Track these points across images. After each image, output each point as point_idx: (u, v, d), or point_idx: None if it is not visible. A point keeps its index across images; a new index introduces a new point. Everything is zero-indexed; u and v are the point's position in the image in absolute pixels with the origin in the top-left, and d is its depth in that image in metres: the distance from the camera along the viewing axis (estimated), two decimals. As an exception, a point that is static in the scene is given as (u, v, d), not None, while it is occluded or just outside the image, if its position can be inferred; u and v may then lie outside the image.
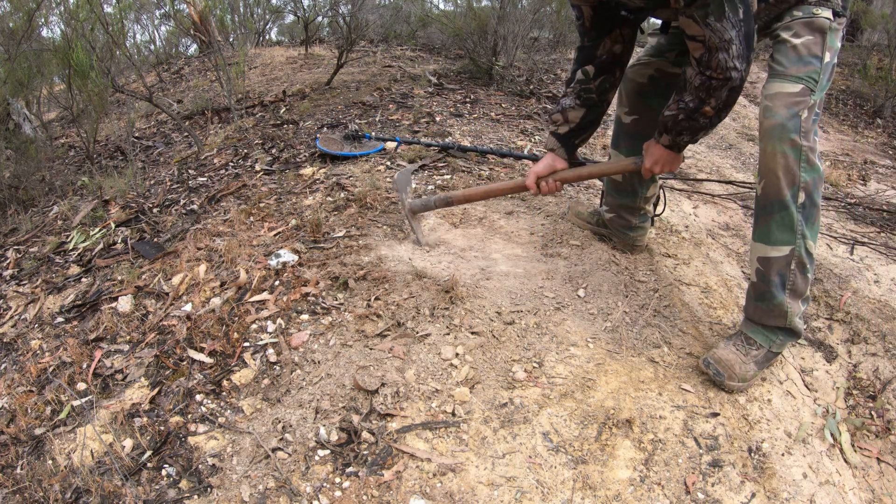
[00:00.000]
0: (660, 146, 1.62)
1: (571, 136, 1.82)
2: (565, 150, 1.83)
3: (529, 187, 1.85)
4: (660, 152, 1.63)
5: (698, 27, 1.37)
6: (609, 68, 1.76)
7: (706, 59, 1.40)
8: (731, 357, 1.59)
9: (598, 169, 1.90)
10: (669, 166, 1.66)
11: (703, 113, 1.49)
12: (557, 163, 1.84)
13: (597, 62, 1.74)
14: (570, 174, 1.85)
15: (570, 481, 1.32)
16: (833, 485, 1.49)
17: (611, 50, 1.73)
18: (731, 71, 1.39)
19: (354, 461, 1.36)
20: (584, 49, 1.77)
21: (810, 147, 1.46)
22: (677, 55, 1.81)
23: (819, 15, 1.49)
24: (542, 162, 1.84)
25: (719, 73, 1.40)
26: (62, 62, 3.12)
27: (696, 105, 1.48)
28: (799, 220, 1.51)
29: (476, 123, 3.41)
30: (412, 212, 2.09)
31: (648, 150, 1.67)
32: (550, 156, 1.84)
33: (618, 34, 1.71)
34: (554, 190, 1.84)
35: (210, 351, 1.71)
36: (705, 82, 1.43)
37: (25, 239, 2.68)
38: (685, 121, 1.52)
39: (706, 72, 1.42)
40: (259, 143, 3.24)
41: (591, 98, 1.77)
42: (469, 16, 4.46)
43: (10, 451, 1.54)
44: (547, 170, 1.83)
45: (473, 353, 1.61)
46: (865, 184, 3.46)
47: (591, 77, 1.76)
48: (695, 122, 1.51)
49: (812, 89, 1.46)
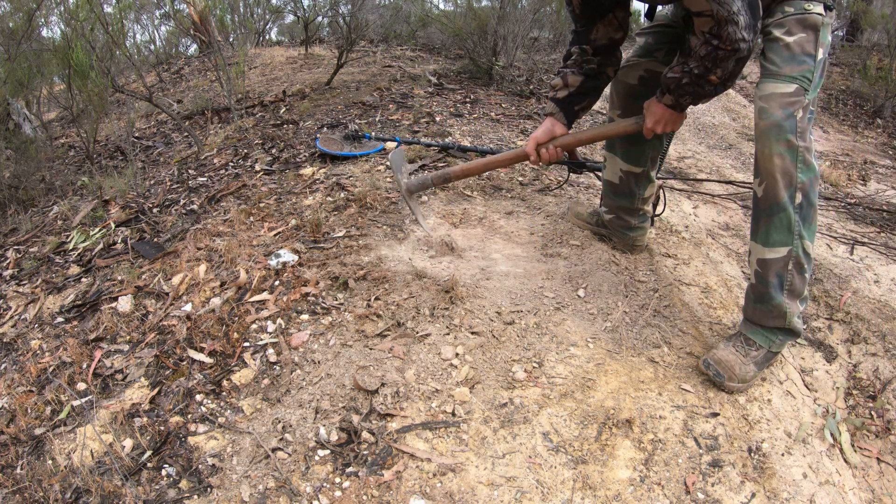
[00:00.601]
0: (661, 105, 1.60)
1: (570, 101, 1.78)
2: (564, 115, 1.79)
3: (529, 154, 1.79)
4: (661, 111, 1.60)
5: (704, 2, 1.36)
6: (608, 51, 1.74)
7: (716, 31, 1.38)
8: (730, 358, 1.59)
9: (598, 131, 1.82)
10: (671, 125, 1.63)
11: (708, 80, 1.47)
12: (556, 128, 1.78)
13: (594, 45, 1.73)
14: (570, 139, 1.78)
15: (570, 481, 1.32)
16: (833, 485, 1.49)
17: (608, 35, 1.71)
18: (740, 42, 1.38)
19: (354, 461, 1.36)
20: (578, 33, 1.76)
21: (806, 147, 1.46)
22: (666, 54, 1.80)
23: (811, 11, 1.47)
24: (541, 127, 1.78)
25: (728, 44, 1.39)
26: (62, 62, 3.12)
27: (702, 72, 1.46)
28: (796, 220, 1.51)
29: (476, 123, 3.41)
30: (409, 192, 2.01)
31: (650, 109, 1.63)
32: (549, 120, 1.78)
33: (612, 18, 1.69)
34: (554, 157, 1.78)
35: (210, 351, 1.71)
36: (712, 52, 1.42)
37: (25, 239, 2.68)
38: (689, 85, 1.50)
39: (713, 41, 1.40)
40: (259, 143, 3.24)
41: (592, 68, 1.75)
42: (469, 16, 4.46)
43: (10, 451, 1.54)
44: (546, 135, 1.77)
45: (473, 353, 1.61)
46: (865, 184, 3.46)
47: (591, 54, 1.75)
48: (699, 88, 1.50)
49: (806, 88, 1.45)
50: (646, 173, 2.01)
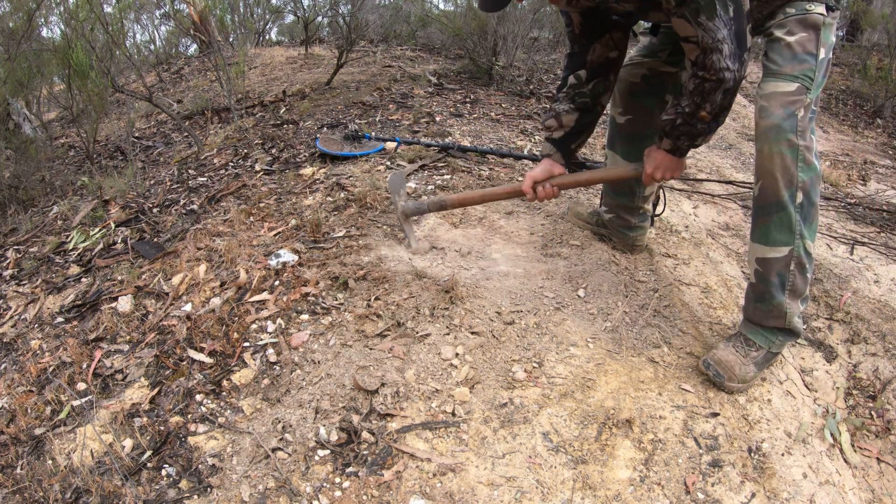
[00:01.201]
0: (661, 151, 1.60)
1: (567, 141, 1.80)
2: (562, 154, 1.81)
3: (526, 192, 1.81)
4: (661, 157, 1.61)
5: (691, 27, 1.37)
6: (602, 72, 1.74)
7: (700, 60, 1.39)
8: (730, 358, 1.59)
9: (596, 175, 1.85)
10: (671, 172, 1.62)
11: (699, 118, 1.47)
12: (555, 168, 1.81)
13: (589, 66, 1.73)
14: (567, 180, 1.81)
15: (570, 481, 1.32)
16: (833, 485, 1.49)
17: (604, 55, 1.71)
18: (724, 72, 1.38)
19: (354, 461, 1.36)
20: (573, 55, 1.76)
21: (807, 146, 1.45)
22: (669, 54, 1.80)
23: (812, 11, 1.47)
24: (539, 167, 1.81)
25: (712, 73, 1.39)
26: (62, 62, 3.12)
27: (693, 110, 1.46)
28: (797, 220, 1.50)
29: (476, 123, 3.41)
30: (405, 215, 2.07)
31: (650, 156, 1.63)
32: (547, 161, 1.81)
33: (609, 39, 1.69)
34: (551, 195, 1.81)
35: (210, 351, 1.71)
36: (699, 86, 1.42)
37: (25, 239, 2.68)
38: (683, 125, 1.50)
39: (700, 72, 1.41)
40: (259, 143, 3.24)
41: (585, 102, 1.76)
42: (469, 16, 4.46)
43: (10, 451, 1.54)
44: (544, 175, 1.79)
45: (473, 353, 1.61)
46: (865, 184, 3.46)
47: (584, 81, 1.74)
48: (692, 128, 1.50)
49: (808, 87, 1.44)
50: None
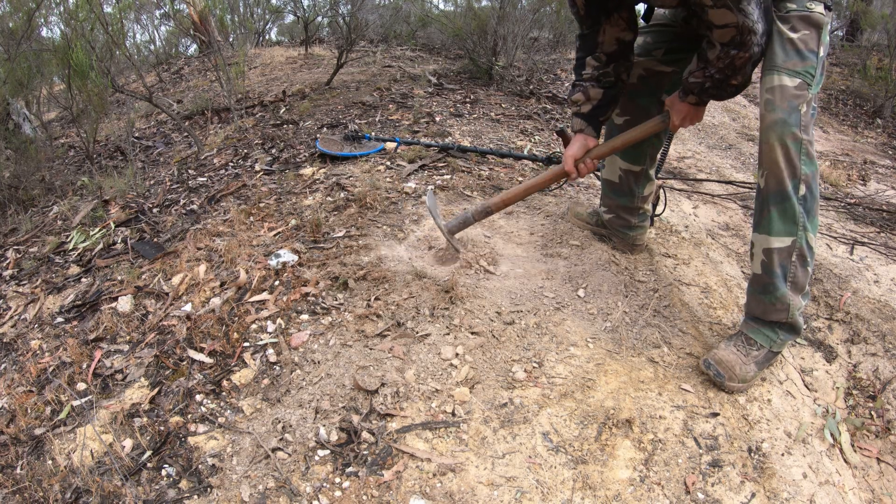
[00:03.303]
0: (686, 104, 1.66)
1: (596, 114, 1.82)
2: (592, 128, 1.84)
3: (569, 172, 1.84)
4: (687, 108, 1.67)
5: (732, 14, 1.40)
6: (621, 56, 1.76)
7: (738, 40, 1.44)
8: (731, 358, 1.59)
9: (628, 136, 1.85)
10: (697, 119, 1.71)
11: (729, 84, 1.55)
12: (589, 141, 1.83)
13: (605, 51, 1.75)
14: (603, 149, 1.84)
15: (570, 481, 1.32)
16: (833, 485, 1.49)
17: (617, 37, 1.73)
18: (755, 47, 1.45)
19: (354, 461, 1.36)
20: (584, 36, 1.78)
21: (809, 141, 1.49)
22: (665, 53, 1.82)
23: (815, 10, 1.51)
24: (575, 144, 1.83)
25: (747, 51, 1.45)
26: (62, 62, 3.12)
27: (723, 77, 1.53)
28: (800, 211, 1.53)
29: (476, 123, 3.41)
30: (451, 233, 1.99)
31: (675, 108, 1.69)
32: (580, 136, 1.83)
33: (618, 19, 1.71)
34: (592, 169, 1.85)
35: (210, 351, 1.71)
36: (731, 62, 1.48)
37: (25, 239, 2.68)
38: (712, 88, 1.57)
39: (733, 51, 1.45)
40: (259, 143, 3.24)
41: (610, 80, 1.78)
42: (469, 16, 4.46)
43: (10, 451, 1.54)
44: (581, 150, 1.82)
45: (473, 353, 1.61)
46: (865, 184, 3.46)
47: (605, 63, 1.76)
48: (722, 91, 1.58)
49: (809, 84, 1.48)
50: (644, 171, 2.01)
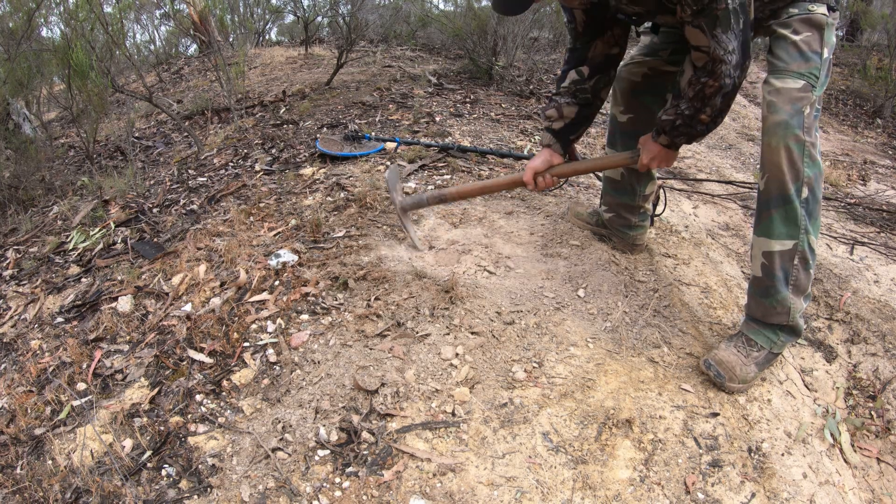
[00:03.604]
0: (657, 144, 1.66)
1: (566, 132, 1.83)
2: (561, 145, 1.85)
3: (527, 183, 1.85)
4: (657, 149, 1.66)
5: (704, 38, 1.40)
6: (604, 68, 1.78)
7: (709, 68, 1.44)
8: (731, 359, 1.59)
9: (593, 163, 1.90)
10: (666, 162, 1.70)
11: (699, 120, 1.53)
12: (554, 158, 1.85)
13: (591, 63, 1.76)
14: (566, 169, 1.86)
15: (570, 481, 1.32)
16: (833, 485, 1.49)
17: (605, 52, 1.75)
18: (726, 78, 1.44)
19: (354, 461, 1.36)
20: (575, 51, 1.79)
21: (812, 143, 1.48)
22: (671, 53, 1.82)
23: (816, 11, 1.50)
24: (539, 157, 1.85)
25: (716, 80, 1.44)
26: (62, 62, 3.12)
27: (693, 113, 1.52)
28: (802, 214, 1.52)
29: (476, 123, 3.41)
30: (403, 210, 2.04)
31: (646, 147, 1.69)
32: (547, 151, 1.85)
33: (610, 36, 1.73)
34: (550, 185, 1.85)
35: (210, 351, 1.71)
36: (700, 91, 1.48)
37: (25, 239, 2.68)
38: (682, 126, 1.56)
39: (703, 78, 1.45)
40: (259, 143, 3.24)
41: (587, 97, 1.79)
42: (469, 16, 4.46)
43: (10, 451, 1.54)
44: (544, 165, 1.83)
45: (473, 353, 1.61)
46: (865, 184, 3.46)
47: (586, 77, 1.77)
48: (692, 129, 1.56)
49: (813, 85, 1.47)
50: (647, 170, 2.01)
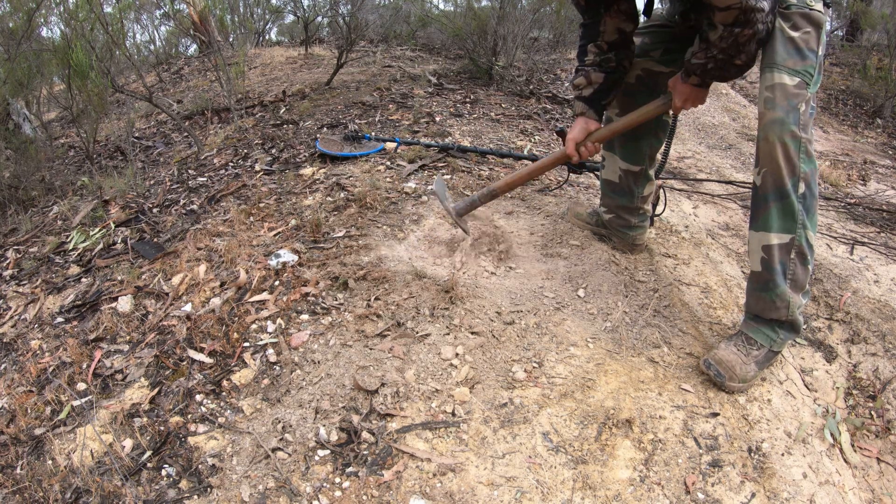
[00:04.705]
0: (688, 85, 1.64)
1: (597, 98, 1.83)
2: (594, 111, 1.84)
3: (571, 155, 1.84)
4: (689, 90, 1.66)
5: None
6: (621, 44, 1.77)
7: (742, 18, 1.41)
8: (732, 358, 1.59)
9: (629, 119, 1.86)
10: (699, 101, 1.70)
11: (734, 65, 1.53)
12: (590, 125, 1.84)
13: (606, 40, 1.76)
14: (604, 132, 1.85)
15: (570, 481, 1.32)
16: (833, 485, 1.49)
17: (617, 27, 1.74)
18: (759, 24, 1.42)
19: (354, 461, 1.36)
20: (587, 26, 1.79)
21: (808, 139, 1.50)
22: (662, 53, 1.83)
23: (815, 8, 1.51)
24: (576, 127, 1.84)
25: (750, 28, 1.42)
26: (62, 62, 3.12)
27: (727, 57, 1.51)
28: (799, 209, 1.53)
29: (476, 123, 3.41)
30: (459, 215, 2.01)
31: (677, 89, 1.68)
32: (582, 119, 1.84)
33: (616, 10, 1.72)
34: (593, 152, 1.85)
35: (210, 351, 1.71)
36: (734, 41, 1.46)
37: (25, 239, 2.68)
38: (715, 69, 1.55)
39: (736, 29, 1.43)
40: (259, 143, 3.24)
41: (612, 66, 1.79)
42: (469, 16, 4.46)
43: (10, 451, 1.54)
44: (582, 133, 1.83)
45: (473, 353, 1.61)
46: (865, 184, 3.46)
47: (606, 50, 1.78)
48: (725, 72, 1.56)
49: (808, 83, 1.49)
50: (644, 171, 2.02)
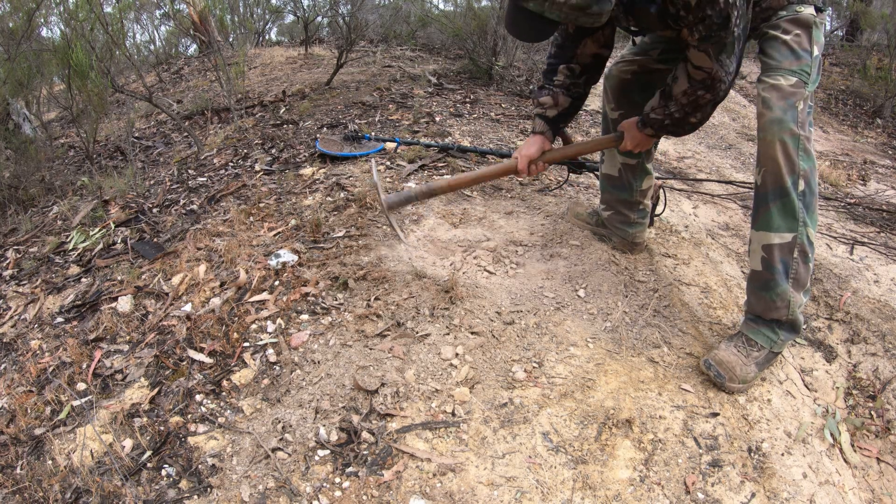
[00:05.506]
0: (642, 133, 1.74)
1: (558, 120, 1.87)
2: (552, 132, 1.88)
3: (521, 171, 1.85)
4: (642, 137, 1.76)
5: (709, 61, 1.45)
6: (593, 69, 1.82)
7: (707, 84, 1.50)
8: (732, 359, 1.59)
9: (581, 147, 1.94)
10: (646, 146, 1.82)
11: (689, 122, 1.62)
12: (546, 144, 1.87)
13: (580, 62, 1.80)
14: (557, 154, 1.88)
15: (570, 481, 1.32)
16: (833, 485, 1.49)
17: (594, 52, 1.78)
18: (721, 92, 1.53)
19: (354, 461, 1.36)
20: (563, 47, 1.81)
21: (807, 137, 1.52)
22: (660, 52, 1.86)
23: (803, 11, 1.56)
24: (533, 145, 1.85)
25: (713, 94, 1.53)
26: (62, 62, 3.12)
27: (683, 116, 1.61)
28: (800, 207, 1.55)
29: (476, 123, 3.41)
30: (389, 207, 1.94)
31: (631, 133, 1.77)
32: (539, 138, 1.86)
33: (599, 35, 1.75)
34: (542, 170, 1.89)
35: (210, 351, 1.71)
36: (695, 101, 1.55)
37: (25, 239, 2.68)
38: (670, 126, 1.65)
39: (699, 91, 1.52)
40: (259, 143, 3.24)
41: (579, 91, 1.85)
42: (469, 16, 4.46)
43: (10, 451, 1.54)
44: (538, 152, 1.85)
45: (473, 353, 1.61)
46: (865, 184, 3.46)
47: (577, 74, 1.81)
48: (679, 129, 1.66)
49: (805, 82, 1.52)
50: (641, 164, 2.04)
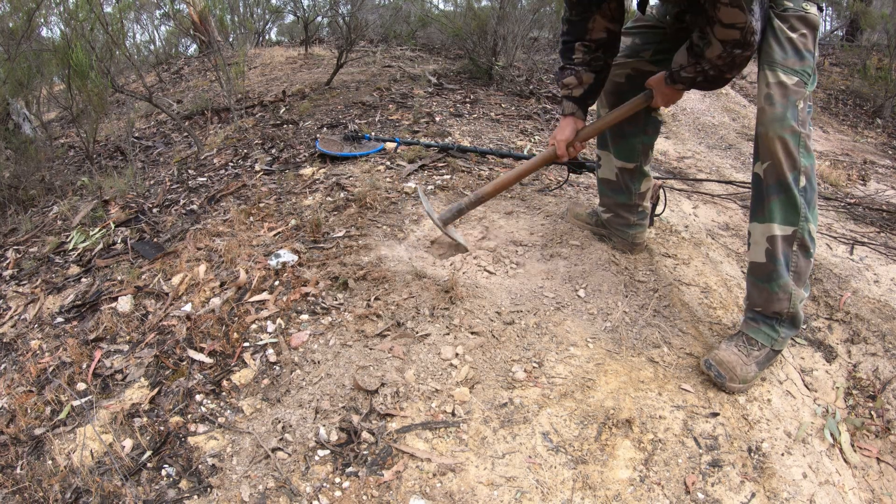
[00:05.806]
0: (672, 88, 1.71)
1: (586, 98, 1.87)
2: (582, 111, 1.88)
3: (561, 156, 1.88)
4: (672, 92, 1.73)
5: (742, 15, 1.42)
6: (608, 44, 1.81)
7: (741, 41, 1.47)
8: (732, 359, 1.59)
9: (615, 115, 1.90)
10: (676, 100, 1.79)
11: (724, 78, 1.60)
12: (578, 124, 1.88)
13: (594, 39, 1.78)
14: (590, 130, 1.89)
15: (570, 481, 1.32)
16: (833, 485, 1.49)
17: (605, 26, 1.77)
18: (755, 44, 1.50)
19: (354, 461, 1.36)
20: (573, 23, 1.79)
21: (807, 135, 1.54)
22: (653, 54, 1.85)
23: (810, 11, 1.56)
24: (567, 128, 1.87)
25: (748, 50, 1.50)
26: (62, 62, 3.12)
27: (718, 74, 1.58)
28: (801, 202, 1.56)
29: (476, 123, 3.41)
30: (444, 223, 2.01)
31: (660, 90, 1.74)
32: (570, 119, 1.88)
33: (606, 9, 1.74)
34: (581, 150, 1.90)
35: (210, 351, 1.71)
36: (731, 60, 1.52)
37: (25, 239, 2.68)
38: (704, 83, 1.63)
39: (737, 50, 1.49)
40: (259, 143, 3.24)
41: (601, 64, 1.83)
42: (469, 16, 4.46)
43: (10, 451, 1.54)
44: (573, 133, 1.87)
45: (473, 353, 1.61)
46: (865, 184, 3.46)
47: (594, 49, 1.80)
48: (715, 84, 1.64)
49: (806, 82, 1.53)
50: (639, 168, 2.03)
